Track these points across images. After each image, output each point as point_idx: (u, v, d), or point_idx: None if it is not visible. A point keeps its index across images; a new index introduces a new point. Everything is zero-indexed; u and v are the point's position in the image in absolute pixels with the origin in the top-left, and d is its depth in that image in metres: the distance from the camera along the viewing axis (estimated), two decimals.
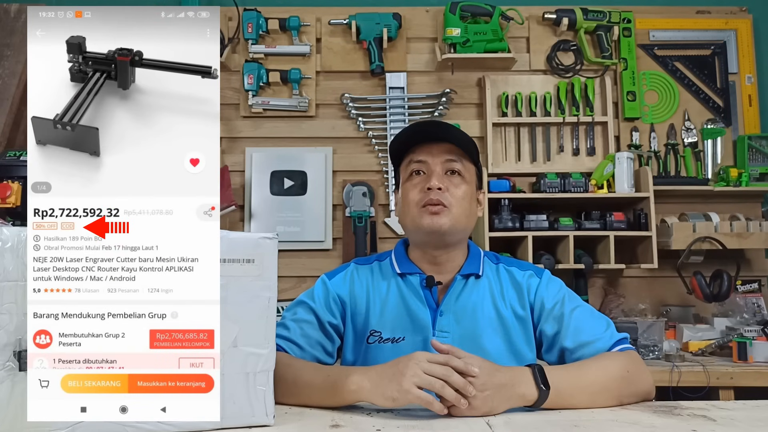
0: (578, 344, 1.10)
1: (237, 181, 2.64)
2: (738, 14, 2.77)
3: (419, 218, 1.15)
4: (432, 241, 1.18)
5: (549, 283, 1.20)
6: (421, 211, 1.15)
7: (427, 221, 1.14)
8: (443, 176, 1.16)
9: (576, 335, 1.11)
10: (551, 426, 0.85)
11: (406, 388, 0.86)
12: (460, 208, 1.16)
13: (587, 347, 1.09)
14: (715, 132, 2.68)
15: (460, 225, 1.16)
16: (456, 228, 1.16)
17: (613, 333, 1.11)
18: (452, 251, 1.20)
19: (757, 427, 0.84)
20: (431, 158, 1.17)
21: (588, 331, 1.11)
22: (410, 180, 1.19)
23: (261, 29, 2.66)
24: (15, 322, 0.75)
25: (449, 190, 1.15)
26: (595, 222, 2.42)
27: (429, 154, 1.17)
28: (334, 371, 1.01)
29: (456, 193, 1.16)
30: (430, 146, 1.18)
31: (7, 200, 1.85)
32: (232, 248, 0.81)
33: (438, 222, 1.14)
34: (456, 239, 1.19)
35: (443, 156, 1.17)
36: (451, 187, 1.16)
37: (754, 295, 2.39)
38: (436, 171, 1.16)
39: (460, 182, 1.17)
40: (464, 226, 1.18)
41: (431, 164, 1.17)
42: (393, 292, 1.20)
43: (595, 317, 1.15)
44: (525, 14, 2.69)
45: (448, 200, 1.14)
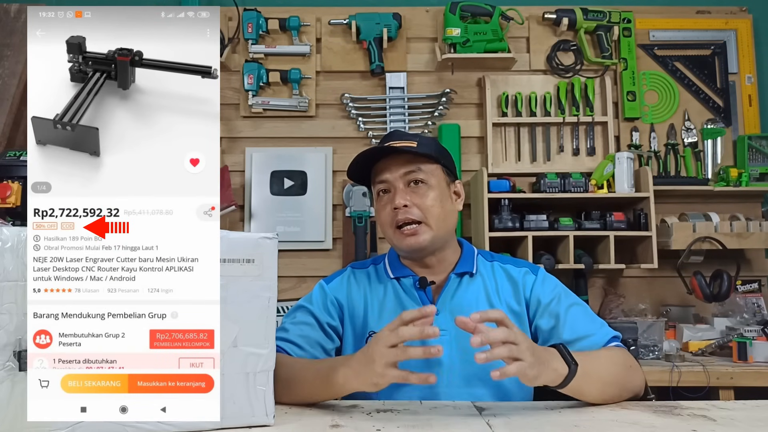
0: (576, 337, 1.11)
1: (237, 181, 2.64)
2: (738, 14, 2.77)
3: (397, 241, 1.17)
4: (416, 256, 1.20)
5: (545, 280, 1.20)
6: (396, 233, 1.17)
7: (404, 244, 1.16)
8: (407, 190, 1.17)
9: (573, 329, 1.12)
10: (551, 426, 0.85)
11: (380, 372, 0.87)
12: (433, 215, 1.16)
13: (584, 340, 1.10)
14: (715, 132, 2.68)
15: (440, 232, 1.17)
16: (437, 237, 1.17)
17: (607, 330, 1.13)
18: (440, 253, 1.21)
19: (757, 427, 0.84)
20: (390, 175, 1.18)
21: (584, 327, 1.13)
22: (379, 200, 1.21)
23: (261, 29, 2.66)
24: (15, 322, 0.75)
25: (416, 202, 1.16)
26: (595, 222, 2.42)
27: (388, 171, 1.18)
28: (323, 365, 1.01)
29: (424, 203, 1.16)
30: (387, 163, 1.19)
31: (7, 200, 1.85)
32: (232, 248, 0.81)
33: (416, 241, 1.15)
34: (439, 245, 1.19)
35: (400, 170, 1.17)
36: (416, 198, 1.16)
37: (754, 295, 2.39)
38: (399, 188, 1.17)
39: (425, 190, 1.17)
40: (444, 231, 1.19)
41: (392, 181, 1.18)
42: (389, 295, 1.21)
43: (590, 315, 1.17)
44: (525, 14, 2.69)
45: (416, 214, 1.15)
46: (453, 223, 1.22)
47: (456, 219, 1.23)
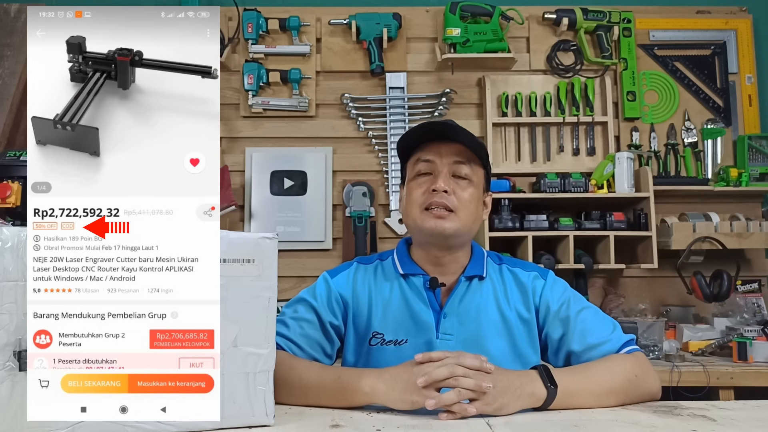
0: (586, 347, 1.10)
1: (237, 181, 2.64)
2: (738, 14, 2.77)
3: (422, 220, 1.14)
4: (434, 243, 1.17)
5: (554, 285, 1.19)
6: (424, 213, 1.14)
7: (430, 224, 1.13)
8: (450, 178, 1.14)
9: (582, 338, 1.11)
10: (551, 426, 0.85)
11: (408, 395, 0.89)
12: (466, 211, 1.14)
13: (595, 350, 1.09)
14: (715, 132, 2.68)
15: (465, 228, 1.15)
16: (461, 231, 1.14)
17: (620, 335, 1.11)
18: (456, 253, 1.19)
19: (757, 427, 0.84)
20: (439, 159, 1.15)
21: (595, 333, 1.11)
22: (416, 179, 1.17)
23: (261, 29, 2.66)
24: (15, 322, 0.75)
25: (455, 193, 1.13)
26: (595, 222, 2.42)
27: (437, 154, 1.16)
28: (345, 373, 0.99)
29: (462, 197, 1.14)
30: (439, 146, 1.16)
31: (7, 200, 1.84)
32: (232, 248, 0.81)
33: (442, 225, 1.12)
34: (459, 242, 1.18)
35: (452, 157, 1.15)
36: (458, 189, 1.14)
37: (754, 295, 2.38)
38: (443, 172, 1.14)
39: (467, 185, 1.15)
40: (469, 230, 1.17)
41: (439, 165, 1.15)
42: (396, 294, 1.18)
43: (601, 319, 1.14)
44: (525, 14, 2.69)
45: (453, 203, 1.13)
46: (476, 228, 1.20)
47: (479, 226, 1.22)
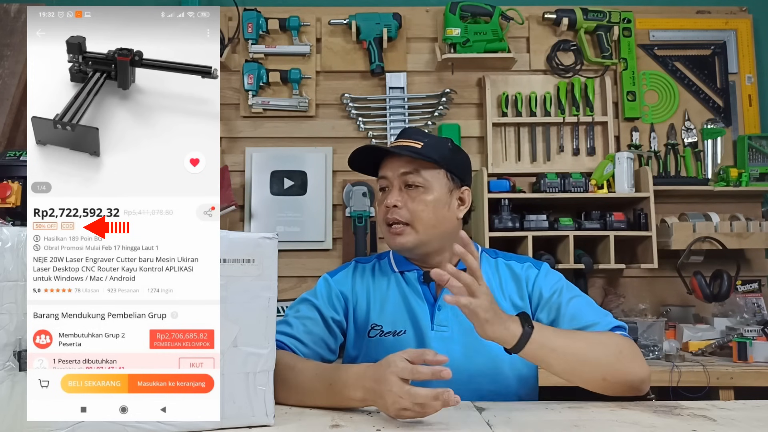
0: (576, 328, 1.10)
1: (237, 181, 2.64)
2: (738, 14, 2.77)
3: (387, 238, 1.19)
4: (406, 255, 1.21)
5: (547, 275, 1.20)
6: (386, 230, 1.18)
7: (391, 242, 1.18)
8: (402, 191, 1.17)
9: (572, 322, 1.11)
10: (551, 426, 0.85)
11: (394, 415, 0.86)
12: (422, 221, 1.15)
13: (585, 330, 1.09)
14: (715, 132, 2.68)
15: (426, 237, 1.16)
16: (422, 241, 1.16)
17: (611, 320, 1.11)
18: (441, 255, 1.20)
19: (757, 427, 0.84)
20: (390, 173, 1.18)
21: (585, 317, 1.11)
22: (381, 195, 1.22)
23: (261, 29, 2.66)
24: (15, 322, 0.75)
25: (407, 205, 1.15)
26: (595, 222, 2.42)
27: (389, 169, 1.19)
28: (336, 378, 0.96)
29: (415, 208, 1.15)
30: (391, 160, 1.19)
31: (7, 200, 1.84)
32: (232, 248, 0.81)
33: (400, 241, 1.16)
34: (429, 249, 1.19)
35: (399, 170, 1.17)
36: (409, 201, 1.15)
37: (754, 295, 2.38)
38: (395, 186, 1.17)
39: (420, 193, 1.16)
40: (432, 236, 1.17)
41: (391, 179, 1.18)
42: (393, 288, 1.22)
43: (593, 306, 1.15)
44: (525, 14, 2.69)
45: (405, 216, 1.15)
46: (448, 229, 1.19)
47: (454, 225, 1.20)
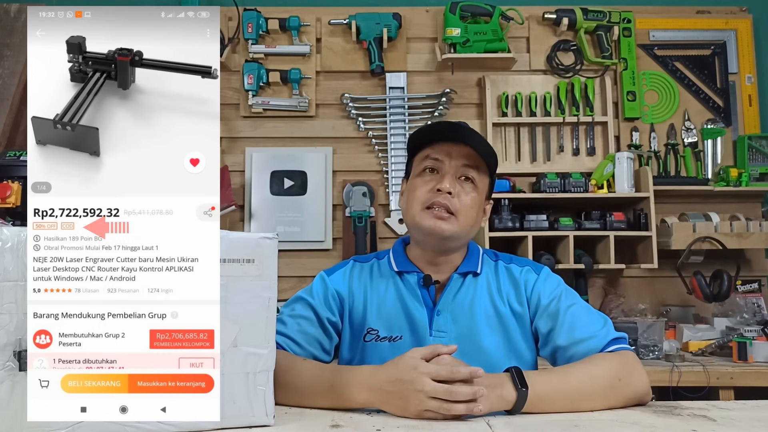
0: (571, 342, 1.08)
1: (237, 181, 2.64)
2: (738, 14, 2.77)
3: (421, 218, 1.14)
4: (430, 242, 1.16)
5: (547, 279, 1.18)
6: (425, 211, 1.13)
7: (428, 223, 1.12)
8: (455, 180, 1.14)
9: (570, 333, 1.09)
10: (551, 426, 0.85)
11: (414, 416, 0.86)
12: (467, 216, 1.14)
13: (580, 345, 1.07)
14: (715, 132, 2.68)
15: (463, 232, 1.15)
16: (458, 235, 1.14)
17: (609, 331, 1.08)
18: (450, 254, 1.19)
19: (757, 427, 0.84)
20: (448, 159, 1.15)
21: (583, 328, 1.09)
22: (421, 176, 1.17)
23: (261, 29, 2.66)
24: (15, 322, 0.75)
25: (459, 196, 1.13)
26: (595, 222, 2.42)
27: (447, 154, 1.15)
28: (337, 380, 0.95)
29: (465, 201, 1.14)
30: (450, 147, 1.15)
31: (7, 200, 1.84)
32: (232, 248, 0.81)
33: (441, 226, 1.12)
34: (455, 245, 1.18)
35: (461, 160, 1.14)
36: (462, 193, 1.14)
37: (754, 295, 2.39)
38: (450, 173, 1.14)
39: (471, 190, 1.15)
40: (466, 234, 1.17)
41: (447, 165, 1.14)
42: (391, 291, 1.19)
43: (592, 315, 1.13)
44: (525, 14, 2.69)
45: (455, 206, 1.12)
46: (474, 233, 1.20)
47: (476, 232, 1.21)
